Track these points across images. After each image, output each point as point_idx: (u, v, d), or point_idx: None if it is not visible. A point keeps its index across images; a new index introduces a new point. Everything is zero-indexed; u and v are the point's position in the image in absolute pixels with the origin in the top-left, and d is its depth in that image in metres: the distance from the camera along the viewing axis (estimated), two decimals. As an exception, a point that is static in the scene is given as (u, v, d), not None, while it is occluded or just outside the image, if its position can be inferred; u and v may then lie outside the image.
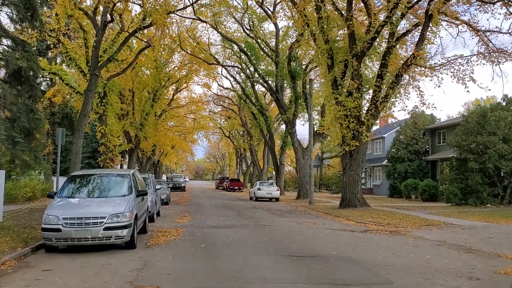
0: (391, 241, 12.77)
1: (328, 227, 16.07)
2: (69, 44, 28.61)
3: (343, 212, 21.83)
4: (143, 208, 12.39)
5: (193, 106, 51.98)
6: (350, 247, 11.36)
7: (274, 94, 35.01)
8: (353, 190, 23.70)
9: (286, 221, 18.01)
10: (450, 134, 37.39)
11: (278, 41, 34.04)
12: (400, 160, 39.37)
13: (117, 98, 35.00)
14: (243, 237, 12.69)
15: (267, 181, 40.62)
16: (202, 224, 16.17)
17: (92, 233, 9.75)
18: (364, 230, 15.45)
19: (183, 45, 35.89)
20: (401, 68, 22.81)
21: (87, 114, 22.22)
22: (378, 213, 21.13)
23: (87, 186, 11.36)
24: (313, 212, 23.23)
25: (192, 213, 20.92)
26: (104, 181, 11.56)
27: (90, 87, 22.30)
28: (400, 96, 23.78)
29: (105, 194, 11.08)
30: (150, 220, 16.51)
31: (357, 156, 23.75)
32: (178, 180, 54.30)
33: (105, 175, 11.84)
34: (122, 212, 10.10)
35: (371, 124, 23.59)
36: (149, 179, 18.20)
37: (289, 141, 44.51)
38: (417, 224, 17.26)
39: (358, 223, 17.47)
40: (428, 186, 34.33)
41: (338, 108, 23.53)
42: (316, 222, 17.59)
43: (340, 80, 24.25)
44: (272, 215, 20.71)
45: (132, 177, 11.67)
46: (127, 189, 11.21)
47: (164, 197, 26.79)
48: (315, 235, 13.62)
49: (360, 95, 23.47)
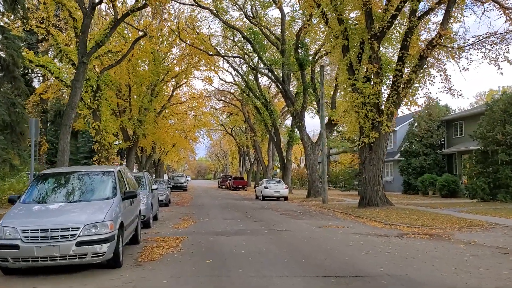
0: (440, 249, 10.31)
1: (356, 231, 13.60)
2: (60, 35, 26.27)
3: (364, 211, 19.37)
4: (132, 213, 9.94)
5: (193, 103, 49.63)
6: (397, 259, 8.90)
7: (281, 85, 32.48)
8: (374, 187, 21.22)
9: (303, 224, 15.54)
10: (468, 125, 35.04)
11: (284, 28, 31.48)
12: (414, 155, 37.00)
13: (113, 93, 32.79)
14: (258, 248, 10.21)
15: (274, 178, 38.13)
16: (206, 230, 13.73)
17: (61, 249, 7.32)
18: (399, 234, 13.00)
19: (182, 35, 33.50)
20: (426, 49, 20.33)
21: (75, 106, 19.79)
22: (404, 212, 18.67)
23: (60, 188, 8.90)
24: (329, 212, 20.76)
25: (194, 216, 18.47)
26: (82, 181, 9.11)
27: (77, 77, 19.90)
28: (424, 81, 21.26)
29: (82, 197, 8.62)
30: (145, 226, 14.10)
31: (377, 148, 21.27)
32: (179, 180, 51.90)
33: (83, 174, 9.38)
34: (101, 220, 7.67)
35: (392, 113, 21.09)
36: (144, 178, 15.76)
37: (296, 136, 42.19)
38: (455, 224, 14.81)
39: (388, 225, 15.01)
40: (448, 181, 31.84)
41: (355, 95, 21.07)
42: (338, 225, 15.12)
43: (356, 65, 21.77)
44: (285, 217, 18.25)
45: (117, 175, 9.21)
46: (111, 191, 8.76)
47: (164, 198, 24.40)
48: (345, 242, 11.16)
49: (380, 80, 20.98)
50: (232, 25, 32.93)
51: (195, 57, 37.28)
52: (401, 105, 21.67)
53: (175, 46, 38.61)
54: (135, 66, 32.29)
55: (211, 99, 55.87)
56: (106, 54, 28.23)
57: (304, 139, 31.40)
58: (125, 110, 33.78)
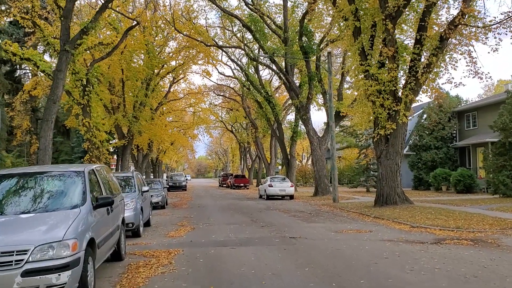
0: (497, 260, 8.22)
1: (382, 236, 11.49)
2: (47, 27, 24.21)
3: (384, 211, 17.27)
4: (111, 224, 7.84)
5: (192, 99, 47.49)
6: (457, 281, 6.78)
7: (284, 75, 30.28)
8: (392, 184, 19.12)
9: (319, 228, 13.41)
10: (482, 116, 33.09)
11: (286, 14, 29.26)
12: (424, 148, 35.02)
13: (106, 88, 30.77)
14: (271, 265, 8.07)
15: (278, 176, 36.02)
16: (206, 239, 11.62)
17: (2, 282, 5.24)
18: (434, 240, 10.91)
19: (177, 26, 31.39)
20: (447, 29, 18.21)
21: (57, 100, 17.63)
22: (428, 211, 16.58)
23: (11, 194, 6.77)
24: (343, 213, 18.66)
25: (192, 221, 16.35)
26: (42, 185, 6.99)
27: (60, 66, 17.77)
28: (445, 65, 19.14)
29: (39, 206, 6.50)
30: (134, 235, 12.02)
31: (394, 141, 19.17)
32: (178, 179, 49.63)
33: (44, 175, 7.25)
34: (60, 239, 5.56)
35: (410, 100, 18.98)
36: (133, 178, 13.64)
37: (300, 131, 40.11)
38: (495, 226, 12.73)
39: (416, 228, 12.92)
40: (463, 175, 29.72)
41: (368, 82, 18.96)
42: (360, 229, 13.00)
43: (368, 49, 19.66)
44: (296, 220, 16.14)
45: (88, 177, 7.10)
46: (78, 197, 6.66)
47: (159, 200, 22.37)
48: (377, 254, 9.05)
49: (396, 65, 18.88)
50: (230, 12, 30.76)
51: (192, 50, 35.18)
52: (419, 93, 19.55)
53: (171, 40, 36.58)
54: (128, 60, 30.24)
55: (210, 95, 53.82)
56: (97, 46, 26.42)
57: (310, 133, 29.26)
58: (119, 106, 31.74)
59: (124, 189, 13.26)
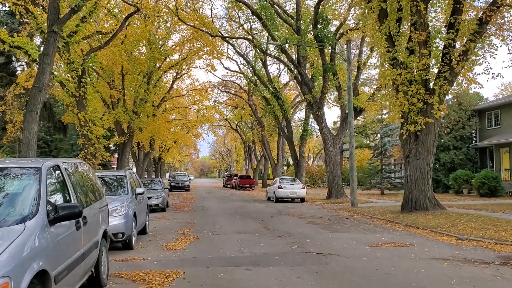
0: None
1: (433, 254, 9.18)
2: (42, 15, 22.14)
3: (415, 218, 15.00)
4: (82, 244, 5.63)
5: (196, 96, 45.37)
6: None
7: (296, 68, 27.98)
8: (422, 187, 16.86)
9: (347, 240, 11.12)
10: (506, 115, 30.92)
11: (299, 0, 27.01)
12: (443, 149, 32.84)
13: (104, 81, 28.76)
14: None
15: (288, 177, 33.80)
16: (213, 254, 9.37)
17: None
18: (500, 259, 8.60)
19: (181, 16, 29.23)
20: (487, 11, 15.96)
21: (43, 88, 15.46)
22: (468, 219, 14.31)
23: None
24: (366, 219, 16.38)
25: (195, 228, 14.09)
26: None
27: (47, 50, 15.68)
28: (483, 53, 16.85)
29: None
30: (125, 247, 9.83)
31: (425, 138, 16.90)
32: (181, 179, 47.33)
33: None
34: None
35: (444, 92, 16.71)
36: (126, 178, 11.42)
37: (310, 129, 37.96)
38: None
39: (466, 242, 10.62)
40: (488, 178, 27.46)
41: (396, 71, 16.72)
42: (398, 242, 10.70)
43: (395, 35, 17.41)
44: (315, 228, 13.88)
45: (45, 177, 4.90)
46: (26, 207, 4.46)
47: (159, 202, 20.23)
48: (442, 282, 6.74)
49: (429, 52, 16.62)
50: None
51: (196, 43, 33.06)
52: (455, 83, 17.27)
53: (174, 32, 34.50)
54: (129, 51, 28.13)
55: (214, 92, 51.71)
56: (94, 35, 24.47)
57: (323, 131, 26.98)
58: (118, 101, 29.63)
59: (114, 191, 11.10)
